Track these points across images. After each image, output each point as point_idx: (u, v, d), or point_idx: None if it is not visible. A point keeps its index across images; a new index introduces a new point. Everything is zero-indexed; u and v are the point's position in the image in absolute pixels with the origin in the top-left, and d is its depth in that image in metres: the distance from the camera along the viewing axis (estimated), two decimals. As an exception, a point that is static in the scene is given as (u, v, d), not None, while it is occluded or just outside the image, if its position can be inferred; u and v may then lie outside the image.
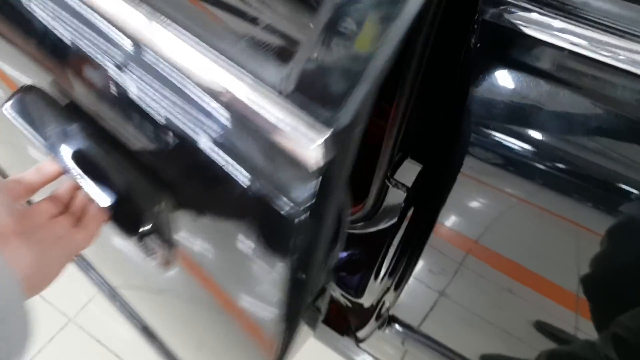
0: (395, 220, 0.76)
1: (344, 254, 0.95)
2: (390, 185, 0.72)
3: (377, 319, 0.87)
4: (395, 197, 0.75)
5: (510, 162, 0.52)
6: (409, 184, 0.70)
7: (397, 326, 0.84)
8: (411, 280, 0.76)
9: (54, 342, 1.52)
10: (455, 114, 0.55)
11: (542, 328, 0.67)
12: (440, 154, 0.64)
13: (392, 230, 0.75)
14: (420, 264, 0.73)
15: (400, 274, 0.77)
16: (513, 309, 0.67)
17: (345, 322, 1.00)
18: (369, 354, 0.98)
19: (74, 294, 1.57)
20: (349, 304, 0.97)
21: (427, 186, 0.68)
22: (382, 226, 0.89)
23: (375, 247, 0.82)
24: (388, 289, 0.81)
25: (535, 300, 0.64)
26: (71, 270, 0.70)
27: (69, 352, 1.50)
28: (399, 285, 0.79)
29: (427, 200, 0.66)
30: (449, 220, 0.63)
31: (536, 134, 0.51)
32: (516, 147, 0.52)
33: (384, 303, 0.84)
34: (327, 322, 1.03)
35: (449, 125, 0.59)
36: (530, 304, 0.65)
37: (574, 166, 0.50)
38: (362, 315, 0.92)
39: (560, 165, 0.51)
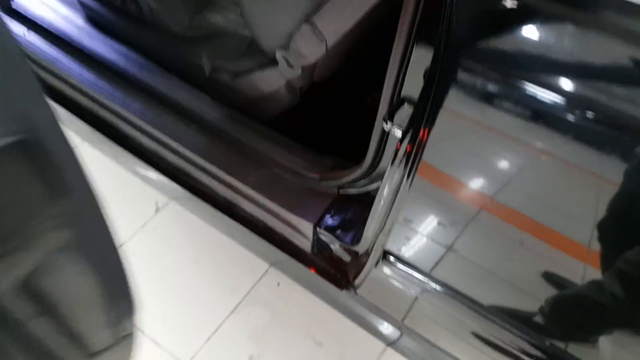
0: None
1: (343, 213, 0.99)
2: (388, 130, 0.72)
3: (371, 258, 0.90)
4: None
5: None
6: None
7: (391, 258, 0.87)
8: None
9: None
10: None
11: (550, 278, 0.69)
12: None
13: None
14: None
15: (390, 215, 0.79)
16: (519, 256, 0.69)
17: (344, 277, 1.02)
18: (365, 301, 1.00)
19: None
20: (348, 255, 0.98)
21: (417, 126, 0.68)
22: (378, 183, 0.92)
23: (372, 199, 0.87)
24: (381, 230, 0.82)
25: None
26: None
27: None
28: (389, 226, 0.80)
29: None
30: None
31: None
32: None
33: (377, 243, 0.89)
34: (328, 279, 1.05)
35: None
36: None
37: (584, 106, 0.52)
38: (359, 261, 0.93)
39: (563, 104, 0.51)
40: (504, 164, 0.66)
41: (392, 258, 0.91)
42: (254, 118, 1.26)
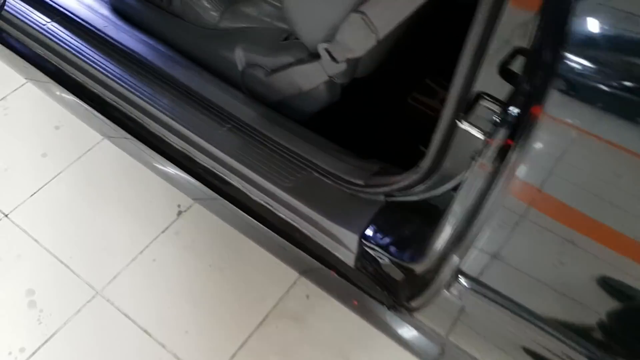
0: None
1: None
2: (462, 127, 0.62)
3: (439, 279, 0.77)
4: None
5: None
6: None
7: (467, 281, 0.74)
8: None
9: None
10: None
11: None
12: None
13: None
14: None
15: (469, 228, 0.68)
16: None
17: (393, 295, 0.92)
18: (420, 323, 0.90)
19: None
20: (400, 271, 0.88)
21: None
22: (441, 189, 0.81)
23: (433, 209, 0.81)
24: (457, 247, 0.72)
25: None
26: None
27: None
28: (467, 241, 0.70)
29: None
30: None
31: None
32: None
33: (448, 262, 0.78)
34: (373, 296, 0.96)
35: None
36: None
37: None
38: (417, 280, 0.83)
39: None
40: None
41: (469, 281, 0.79)
42: (290, 117, 1.18)
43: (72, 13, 1.31)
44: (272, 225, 1.10)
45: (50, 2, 1.34)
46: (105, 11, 1.33)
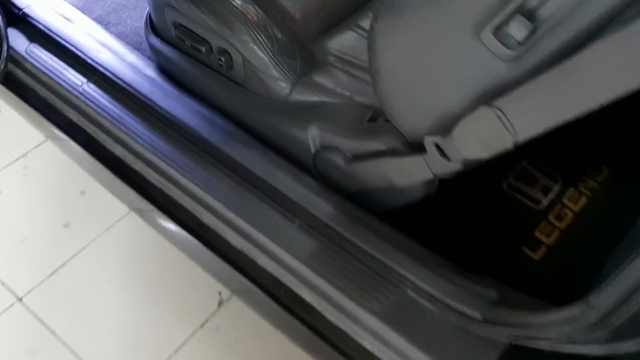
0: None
1: None
2: None
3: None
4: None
5: None
6: None
7: None
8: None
9: None
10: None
11: None
12: None
13: None
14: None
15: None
16: None
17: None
18: None
19: None
20: None
21: None
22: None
23: None
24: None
25: None
26: None
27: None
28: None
29: None
30: None
31: None
32: None
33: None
34: None
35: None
36: None
37: None
38: None
39: None
40: None
41: None
42: (368, 207, 0.97)
43: (112, 73, 1.13)
44: (350, 353, 0.89)
45: (88, 59, 1.15)
46: (151, 72, 1.15)
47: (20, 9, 1.24)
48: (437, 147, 0.79)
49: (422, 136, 0.81)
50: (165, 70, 1.16)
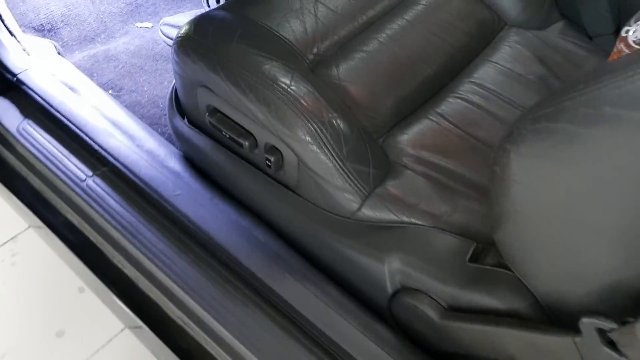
0: None
1: None
2: None
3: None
4: None
5: None
6: None
7: None
8: None
9: None
10: None
11: None
12: None
13: None
14: None
15: None
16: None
17: None
18: None
19: None
20: None
21: None
22: None
23: None
24: None
25: None
26: None
27: None
28: None
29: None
30: None
31: None
32: None
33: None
34: None
35: None
36: None
37: None
38: None
39: None
40: None
41: None
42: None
43: (125, 166, 0.89)
44: None
45: (95, 144, 0.91)
46: (175, 164, 0.91)
47: (14, 75, 1.01)
48: (602, 333, 0.54)
49: (570, 306, 0.56)
50: (193, 161, 0.92)
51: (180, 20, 1.36)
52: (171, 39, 1.29)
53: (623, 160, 0.46)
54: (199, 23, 0.84)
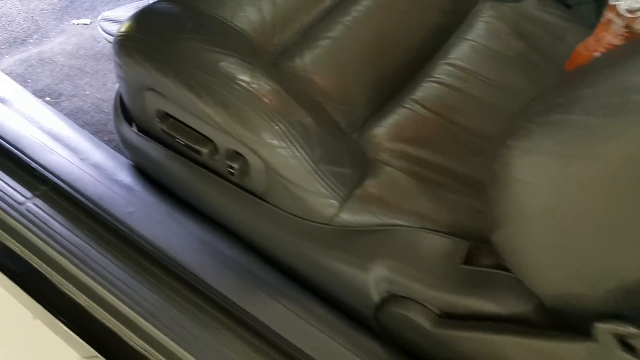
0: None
1: None
2: None
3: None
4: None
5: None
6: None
7: None
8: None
9: None
10: None
11: None
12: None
13: None
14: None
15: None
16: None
17: None
18: None
19: None
20: None
21: None
22: None
23: None
24: None
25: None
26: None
27: None
28: None
29: None
30: None
31: None
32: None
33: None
34: None
35: None
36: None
37: None
38: None
39: None
40: None
41: None
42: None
43: (68, 183, 0.82)
44: None
45: (32, 162, 0.84)
46: (125, 177, 0.85)
47: None
48: (620, 339, 0.51)
49: (582, 310, 0.53)
50: (146, 172, 0.86)
51: (122, 14, 1.29)
52: (112, 35, 1.22)
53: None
54: (141, 18, 0.78)
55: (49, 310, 0.80)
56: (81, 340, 0.82)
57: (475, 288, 0.64)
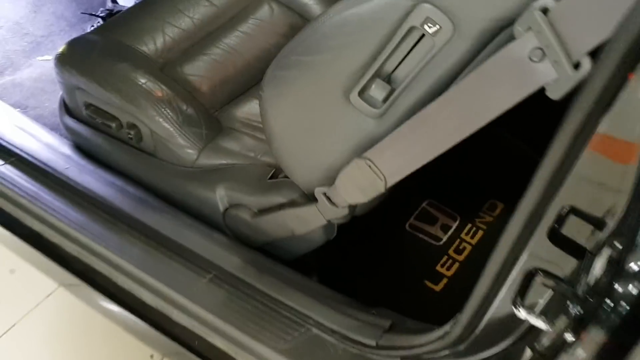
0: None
1: None
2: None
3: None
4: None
5: None
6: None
7: None
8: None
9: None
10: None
11: None
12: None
13: None
14: None
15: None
16: None
17: None
18: None
19: None
20: None
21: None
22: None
23: None
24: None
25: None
26: None
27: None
28: None
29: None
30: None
31: None
32: None
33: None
34: None
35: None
36: None
37: None
38: None
39: None
40: None
41: None
42: (278, 257, 1.08)
43: (28, 154, 1.23)
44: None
45: (4, 142, 1.25)
46: (67, 150, 1.26)
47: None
48: (325, 196, 0.92)
49: (314, 187, 0.94)
50: (81, 148, 1.27)
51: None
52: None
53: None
54: (72, 43, 1.21)
55: (18, 236, 1.19)
56: (49, 260, 1.19)
57: (274, 190, 1.05)
